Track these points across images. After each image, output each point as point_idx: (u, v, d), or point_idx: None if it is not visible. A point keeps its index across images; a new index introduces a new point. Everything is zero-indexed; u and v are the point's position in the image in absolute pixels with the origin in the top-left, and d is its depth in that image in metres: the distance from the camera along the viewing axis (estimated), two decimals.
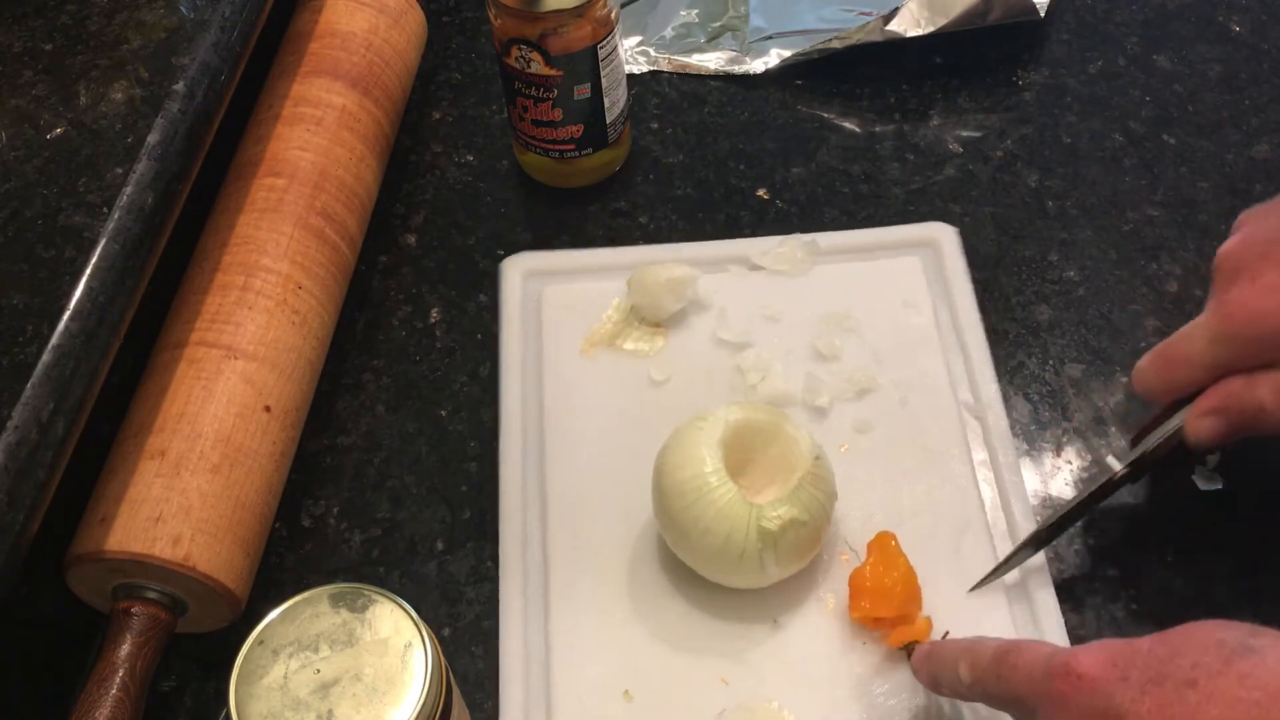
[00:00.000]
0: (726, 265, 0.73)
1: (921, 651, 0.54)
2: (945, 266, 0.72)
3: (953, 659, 0.50)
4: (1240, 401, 0.55)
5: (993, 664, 0.47)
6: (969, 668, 0.48)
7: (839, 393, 0.67)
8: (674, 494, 0.57)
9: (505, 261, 0.74)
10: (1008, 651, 0.46)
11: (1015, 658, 0.46)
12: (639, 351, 0.70)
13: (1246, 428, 0.55)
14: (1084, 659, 0.42)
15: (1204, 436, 0.56)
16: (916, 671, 0.54)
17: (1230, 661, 0.39)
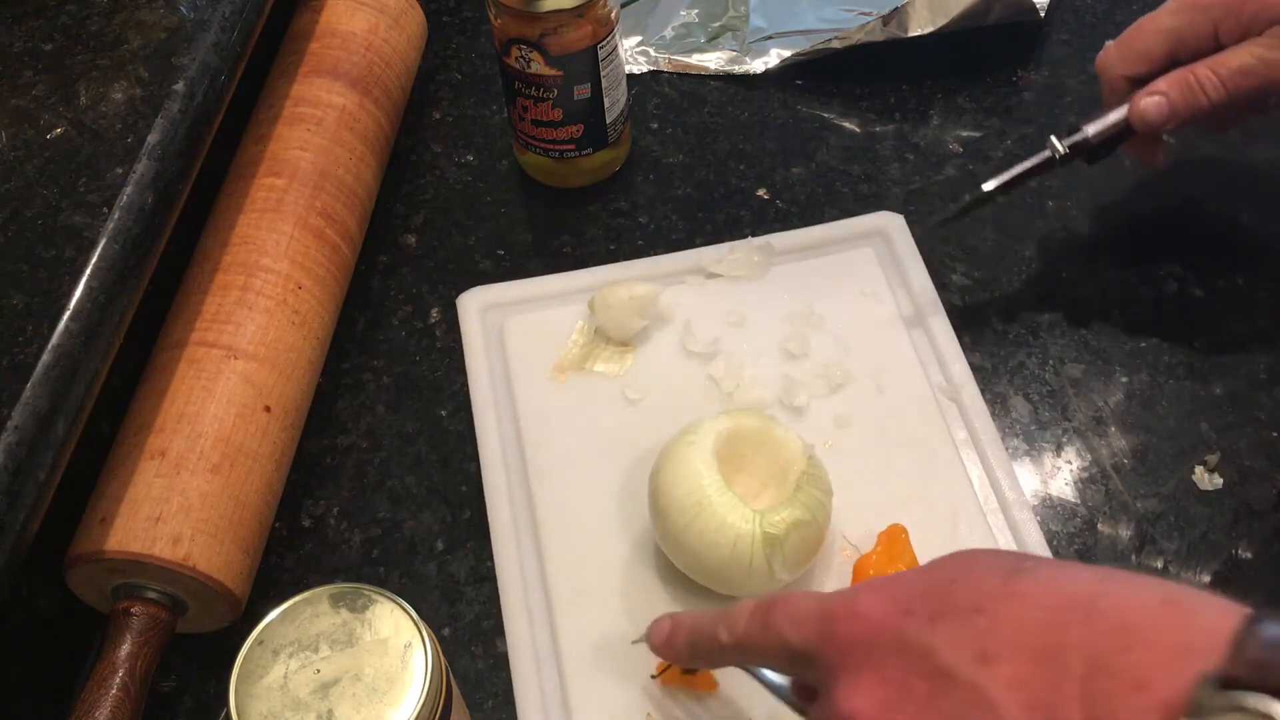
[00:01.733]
0: (684, 277, 0.73)
1: (662, 631, 0.52)
2: (897, 253, 0.73)
3: (709, 626, 0.49)
4: (1183, 80, 0.62)
5: (756, 618, 0.46)
6: (728, 629, 0.47)
7: (814, 390, 0.67)
8: (674, 512, 0.57)
9: (461, 298, 0.73)
10: (772, 605, 0.45)
11: (782, 610, 0.45)
12: (609, 372, 0.69)
13: (1188, 106, 0.62)
14: (863, 599, 0.41)
15: (1149, 115, 0.63)
16: (659, 649, 0.53)
17: (1008, 582, 0.39)
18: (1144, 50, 0.64)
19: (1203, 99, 0.62)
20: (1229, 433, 0.66)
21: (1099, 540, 0.63)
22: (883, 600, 0.41)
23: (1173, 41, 0.63)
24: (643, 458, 0.64)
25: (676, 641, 0.52)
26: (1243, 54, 0.61)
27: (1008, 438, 0.66)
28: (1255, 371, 0.68)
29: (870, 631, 0.41)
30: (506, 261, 0.77)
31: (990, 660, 0.37)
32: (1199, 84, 0.62)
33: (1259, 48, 0.60)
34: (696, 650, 0.51)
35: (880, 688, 0.39)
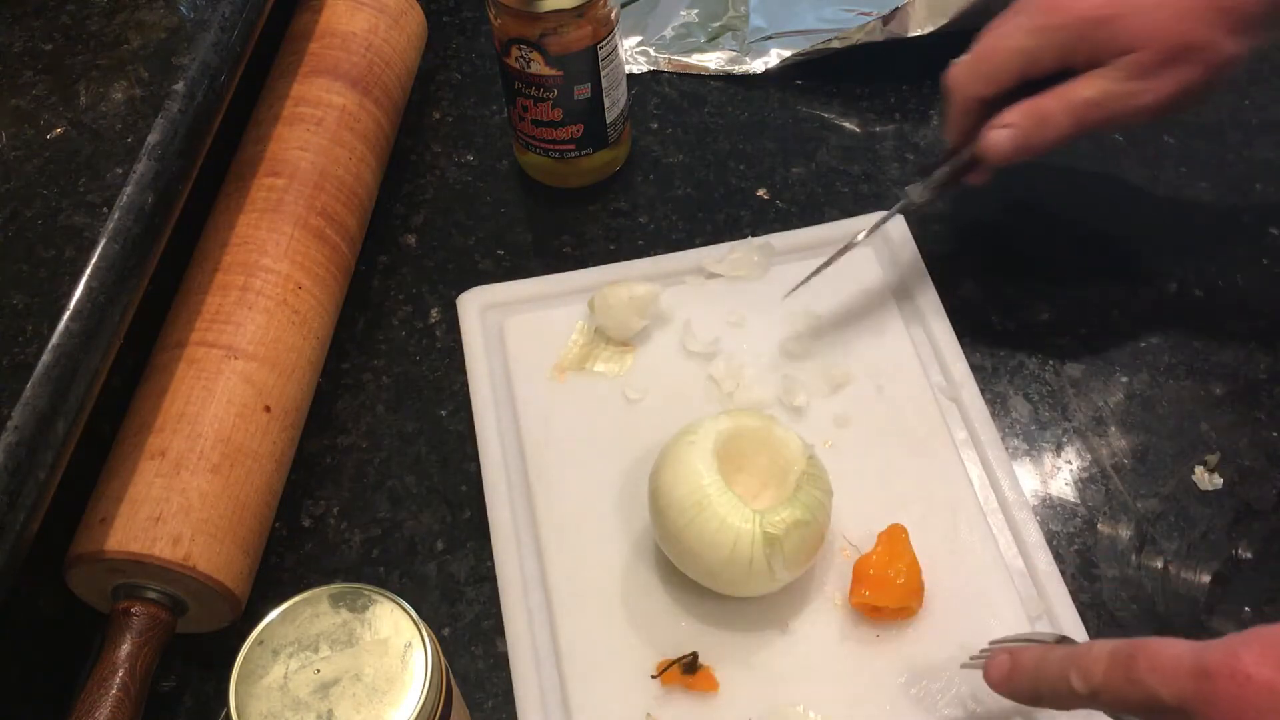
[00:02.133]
0: (684, 277, 0.73)
1: (1000, 666, 0.50)
2: (897, 254, 0.73)
3: (1058, 671, 0.47)
4: (1034, 112, 0.61)
5: (1118, 668, 0.44)
6: (1082, 676, 0.45)
7: (815, 390, 0.67)
8: (673, 512, 0.57)
9: (461, 298, 0.73)
10: (1134, 655, 0.43)
11: (1147, 660, 0.43)
12: (609, 372, 0.69)
13: (1038, 140, 0.62)
14: (1247, 657, 0.39)
15: (1001, 149, 0.62)
16: (996, 686, 0.51)
17: None
18: (997, 72, 0.63)
19: (1052, 133, 0.61)
20: (1229, 433, 0.66)
21: (1099, 540, 0.63)
22: (1271, 659, 0.39)
23: (1026, 63, 0.62)
24: (643, 458, 0.64)
25: (1018, 683, 0.50)
26: (1091, 86, 0.60)
27: (1008, 438, 0.66)
28: (1255, 371, 0.68)
29: (1262, 695, 0.39)
30: (506, 261, 0.77)
31: None
32: (1049, 118, 0.61)
33: (1107, 80, 0.60)
34: (1041, 694, 0.49)
35: None
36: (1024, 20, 0.62)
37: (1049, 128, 0.61)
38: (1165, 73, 0.59)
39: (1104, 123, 0.61)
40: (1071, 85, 0.61)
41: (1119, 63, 0.59)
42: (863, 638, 0.59)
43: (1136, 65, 0.59)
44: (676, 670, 0.57)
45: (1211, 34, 0.59)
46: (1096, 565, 0.62)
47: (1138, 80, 0.59)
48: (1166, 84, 0.60)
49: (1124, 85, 0.60)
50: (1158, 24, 0.59)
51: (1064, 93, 0.61)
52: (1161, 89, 0.60)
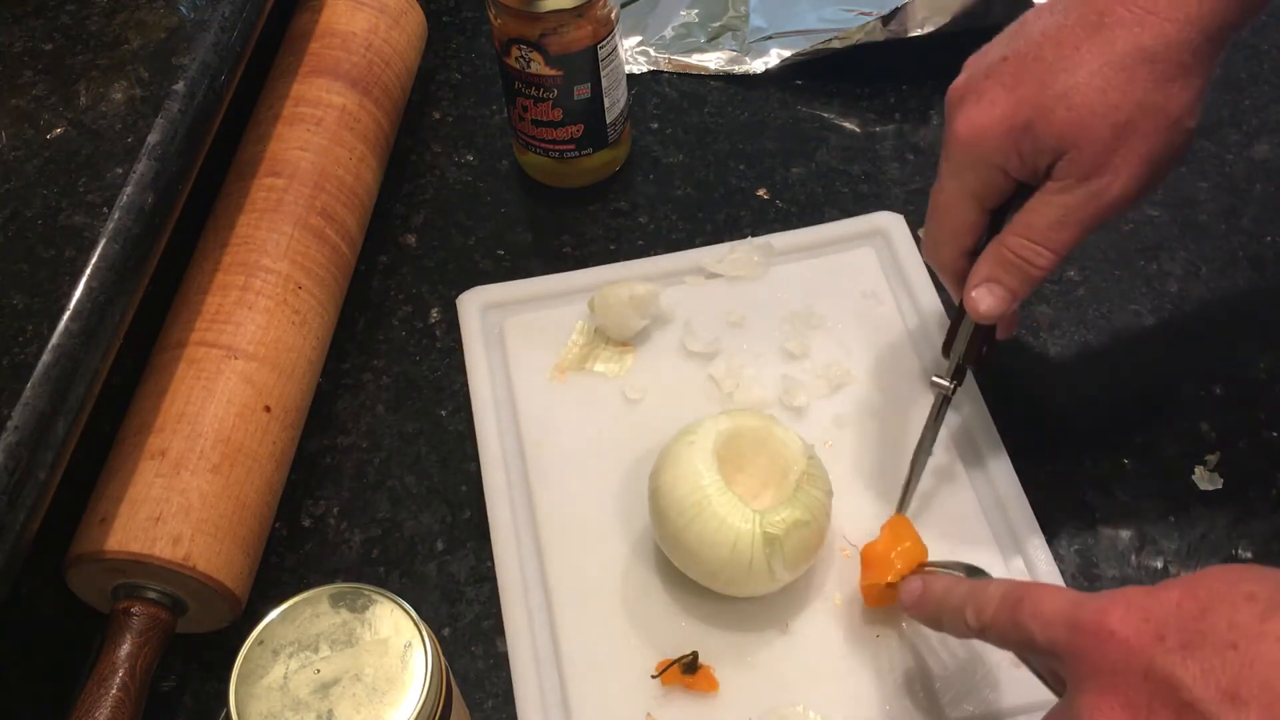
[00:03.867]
0: (684, 277, 0.73)
1: (912, 590, 0.54)
2: (898, 254, 0.73)
3: (957, 603, 0.50)
4: (1006, 261, 0.55)
5: (1005, 610, 0.46)
6: (975, 613, 0.48)
7: (815, 390, 0.67)
8: (674, 512, 0.57)
9: (461, 298, 0.73)
10: (1021, 599, 0.46)
11: (1031, 605, 0.45)
12: (609, 372, 0.69)
13: (1025, 284, 0.56)
14: (1114, 614, 0.41)
15: (990, 309, 0.56)
16: (907, 608, 0.54)
17: (1267, 620, 0.38)
18: (958, 225, 0.57)
19: (1034, 270, 0.55)
20: (1229, 433, 0.66)
21: (1099, 540, 0.63)
22: (1134, 619, 0.41)
23: (977, 201, 0.56)
24: (643, 458, 0.64)
25: (925, 608, 0.53)
26: (1047, 208, 0.54)
27: (1007, 437, 0.66)
28: (1255, 371, 0.68)
29: (1120, 652, 0.40)
30: (506, 261, 0.77)
31: (1241, 702, 0.37)
32: (1022, 259, 0.55)
33: (1057, 195, 0.53)
34: (941, 624, 0.52)
35: (1124, 712, 0.39)
36: (946, 165, 0.57)
37: (1028, 269, 0.55)
38: (1115, 159, 0.52)
39: (1083, 235, 0.54)
40: (1028, 213, 0.54)
41: (1060, 169, 0.53)
42: (863, 638, 0.59)
43: (1079, 166, 0.52)
44: (676, 670, 0.57)
45: (1146, 96, 0.51)
46: (1096, 565, 0.62)
47: (1091, 180, 0.52)
48: (1124, 169, 0.52)
49: (1079, 192, 0.53)
50: (1082, 111, 0.51)
51: (1024, 224, 0.54)
52: (1121, 176, 0.52)
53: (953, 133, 0.56)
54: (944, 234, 0.58)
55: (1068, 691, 0.43)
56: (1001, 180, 0.55)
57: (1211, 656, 0.38)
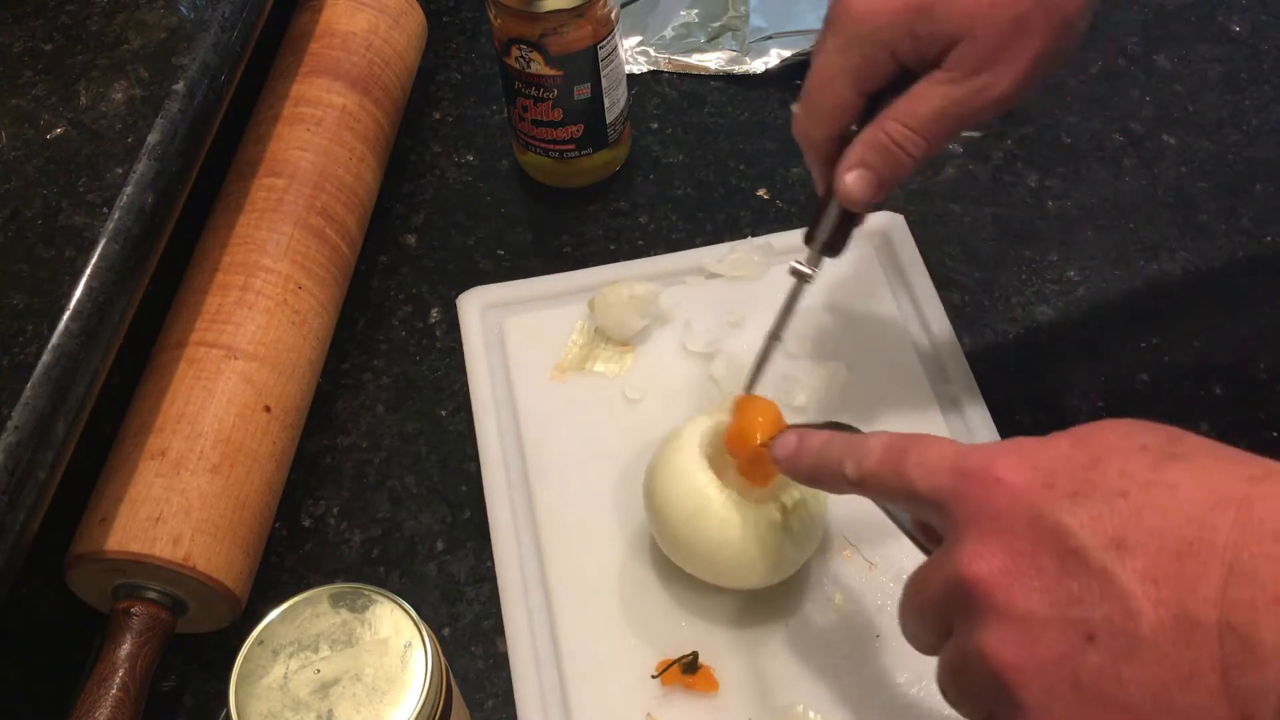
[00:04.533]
0: (684, 277, 0.73)
1: (787, 444, 0.51)
2: (899, 254, 0.73)
3: (836, 455, 0.48)
4: (879, 145, 0.54)
5: (887, 460, 0.45)
6: (855, 464, 0.46)
7: (814, 390, 0.67)
8: (679, 522, 0.57)
9: (461, 298, 0.73)
10: (905, 449, 0.44)
11: (915, 455, 0.43)
12: (609, 372, 0.69)
13: (894, 171, 0.55)
14: (1001, 462, 0.40)
15: (857, 193, 0.55)
16: (780, 462, 0.52)
17: (1159, 468, 0.37)
18: (834, 104, 0.55)
19: (906, 160, 0.54)
20: (1229, 433, 0.66)
21: None
22: (1023, 467, 0.39)
23: (857, 82, 0.55)
24: (642, 458, 0.64)
25: (800, 463, 0.51)
26: (930, 97, 0.53)
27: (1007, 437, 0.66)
28: (1255, 371, 0.68)
29: (1006, 499, 0.39)
30: (506, 261, 0.77)
31: (1127, 549, 0.36)
32: (897, 145, 0.54)
33: (944, 85, 0.53)
34: (818, 478, 0.50)
35: (1006, 557, 0.38)
36: (832, 40, 0.55)
37: (900, 157, 0.54)
38: (1007, 54, 0.52)
39: (959, 129, 0.54)
40: (910, 100, 0.53)
41: (953, 59, 0.52)
42: (863, 638, 0.59)
43: (973, 57, 0.52)
44: (676, 670, 0.57)
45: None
46: None
47: (980, 74, 0.52)
48: (1013, 66, 0.52)
49: (966, 85, 0.52)
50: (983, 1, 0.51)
51: (904, 111, 0.54)
52: (1009, 73, 0.52)
53: (844, 6, 0.54)
54: (818, 112, 0.56)
55: (946, 540, 0.41)
56: (887, 62, 0.54)
57: (1100, 504, 0.37)
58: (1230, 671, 0.33)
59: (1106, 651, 0.35)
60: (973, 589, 0.39)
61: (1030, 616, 0.37)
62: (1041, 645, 0.37)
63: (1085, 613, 0.36)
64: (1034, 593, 0.37)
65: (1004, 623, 0.38)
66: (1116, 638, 0.35)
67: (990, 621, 0.38)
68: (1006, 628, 0.37)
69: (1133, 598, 0.35)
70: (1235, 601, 0.34)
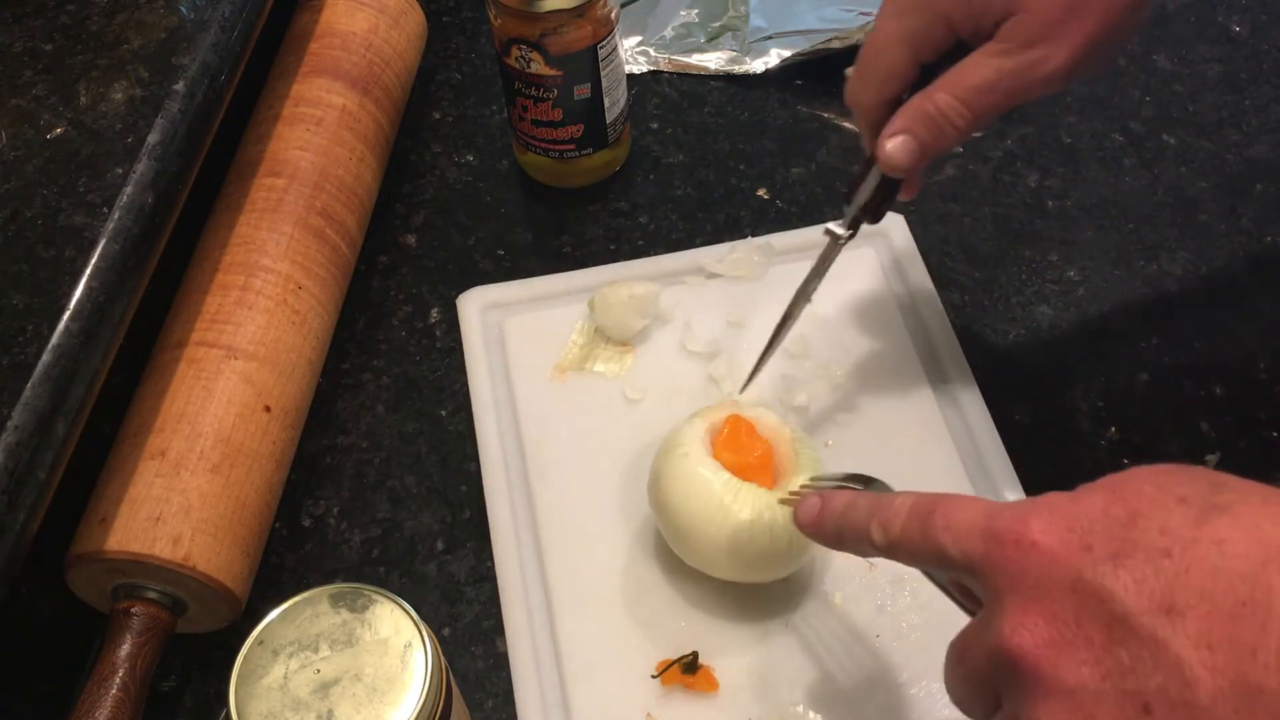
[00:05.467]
0: (684, 277, 0.73)
1: (810, 509, 0.50)
2: (898, 253, 0.73)
3: (861, 519, 0.46)
4: (924, 113, 0.54)
5: (914, 523, 0.43)
6: (882, 529, 0.45)
7: (815, 390, 0.67)
8: (689, 518, 0.57)
9: (461, 298, 0.73)
10: (931, 511, 0.42)
11: (944, 517, 0.42)
12: (609, 372, 0.69)
13: (938, 141, 0.55)
14: (1034, 524, 0.38)
15: (898, 159, 0.55)
16: (804, 527, 0.50)
17: (1202, 523, 0.35)
18: (888, 69, 0.56)
19: (951, 130, 0.54)
20: (1229, 433, 0.66)
21: None
22: (1058, 529, 0.37)
23: (911, 51, 0.55)
24: (642, 457, 0.64)
25: (824, 527, 0.49)
26: (982, 69, 0.53)
27: (1007, 438, 0.66)
28: (1255, 371, 0.68)
29: (1043, 564, 0.37)
30: (506, 261, 0.77)
31: (1177, 613, 0.34)
32: (943, 115, 0.54)
33: (997, 57, 0.53)
34: (844, 542, 0.48)
35: (1051, 627, 0.36)
36: (890, 5, 0.56)
37: (945, 127, 0.54)
38: (1062, 31, 0.51)
39: (1006, 105, 0.54)
40: (960, 71, 0.54)
41: (1006, 31, 0.52)
42: (863, 638, 0.59)
43: (1026, 30, 0.52)
44: (676, 670, 0.57)
45: None
46: None
47: (1033, 48, 0.52)
48: (1066, 44, 0.52)
49: (1018, 58, 0.52)
50: None
51: (953, 82, 0.54)
52: (1062, 51, 0.52)
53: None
54: (872, 77, 0.57)
55: (986, 607, 0.40)
56: (943, 31, 0.54)
57: (1144, 565, 0.35)
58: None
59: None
60: (1019, 662, 0.37)
61: (1082, 690, 0.35)
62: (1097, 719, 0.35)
63: (1139, 683, 0.34)
64: (1083, 665, 0.36)
65: (1055, 697, 0.36)
66: (1174, 709, 0.34)
67: (1040, 696, 0.36)
68: (1058, 702, 0.36)
69: (1187, 665, 0.34)
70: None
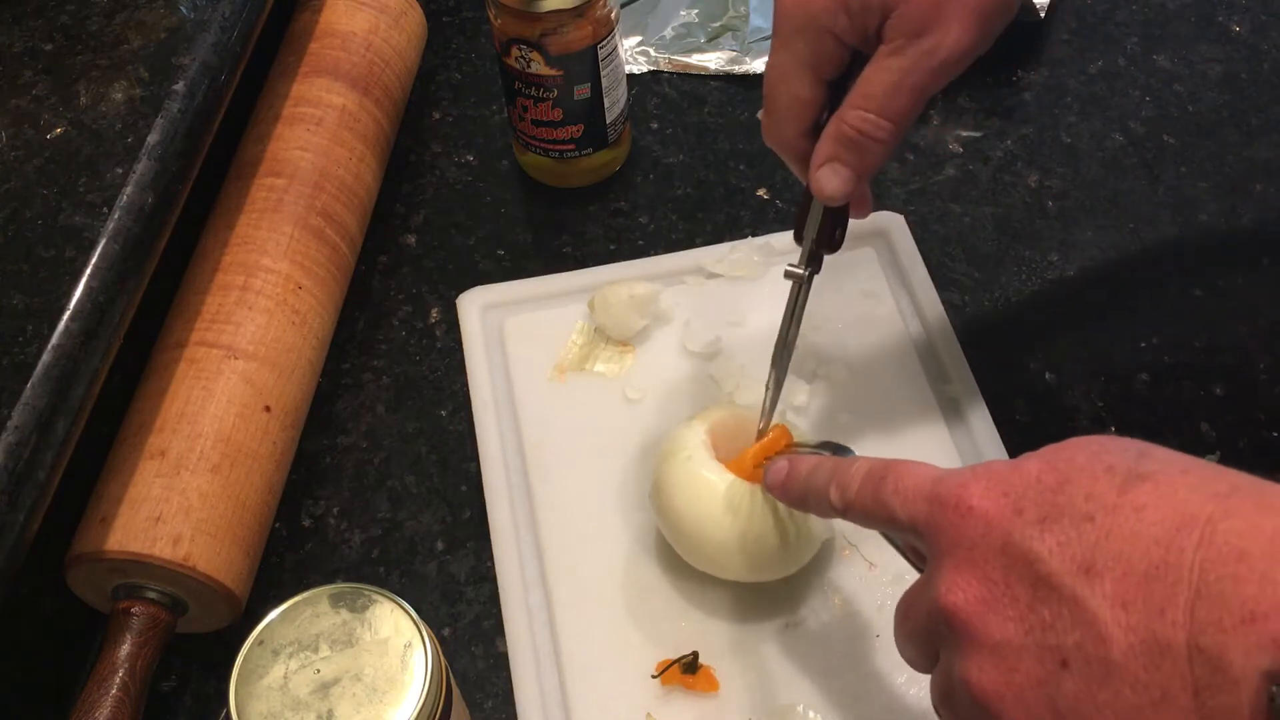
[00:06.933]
0: (684, 277, 0.73)
1: (778, 470, 0.53)
2: (898, 253, 0.73)
3: (822, 482, 0.49)
4: (843, 136, 0.52)
5: (868, 487, 0.46)
6: (839, 491, 0.47)
7: (815, 390, 0.67)
8: (692, 518, 0.57)
9: (461, 298, 0.73)
10: (884, 476, 0.45)
11: (894, 481, 0.44)
12: (609, 372, 0.69)
13: (865, 160, 0.53)
14: (973, 489, 0.40)
15: (833, 189, 0.54)
16: (772, 489, 0.54)
17: (1125, 491, 0.37)
18: (795, 100, 0.55)
19: (876, 146, 0.52)
20: (1229, 433, 0.66)
21: None
22: (994, 494, 0.40)
23: (812, 72, 0.53)
24: (643, 457, 0.64)
25: (790, 489, 0.52)
26: (880, 74, 0.51)
27: (1007, 437, 0.66)
28: (1255, 371, 0.68)
29: (978, 527, 0.40)
30: (506, 261, 0.77)
31: (1096, 574, 0.36)
32: (861, 133, 0.52)
33: (890, 58, 0.51)
34: (806, 503, 0.52)
35: (981, 586, 0.39)
36: (776, 39, 0.54)
37: (868, 144, 0.52)
38: (946, 10, 0.50)
39: (920, 102, 0.52)
40: (862, 84, 0.52)
41: (890, 29, 0.50)
42: (863, 638, 0.59)
43: (908, 23, 0.50)
44: (676, 670, 0.57)
45: None
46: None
47: (922, 38, 0.50)
48: (955, 21, 0.50)
49: (911, 52, 0.50)
50: None
51: (860, 95, 0.52)
52: (953, 29, 0.50)
53: (780, 2, 0.53)
54: (781, 111, 0.55)
55: (928, 567, 0.42)
56: (833, 46, 0.52)
57: (1068, 529, 0.37)
58: (1201, 693, 0.34)
59: (1080, 677, 0.36)
60: (952, 619, 0.39)
61: (1006, 645, 0.38)
62: (1018, 673, 0.37)
63: (1058, 639, 0.37)
64: (1009, 621, 0.38)
65: (982, 651, 0.38)
66: (1089, 663, 0.36)
67: (969, 650, 0.39)
68: (985, 656, 0.38)
69: (1102, 623, 0.35)
70: (1203, 624, 0.34)
